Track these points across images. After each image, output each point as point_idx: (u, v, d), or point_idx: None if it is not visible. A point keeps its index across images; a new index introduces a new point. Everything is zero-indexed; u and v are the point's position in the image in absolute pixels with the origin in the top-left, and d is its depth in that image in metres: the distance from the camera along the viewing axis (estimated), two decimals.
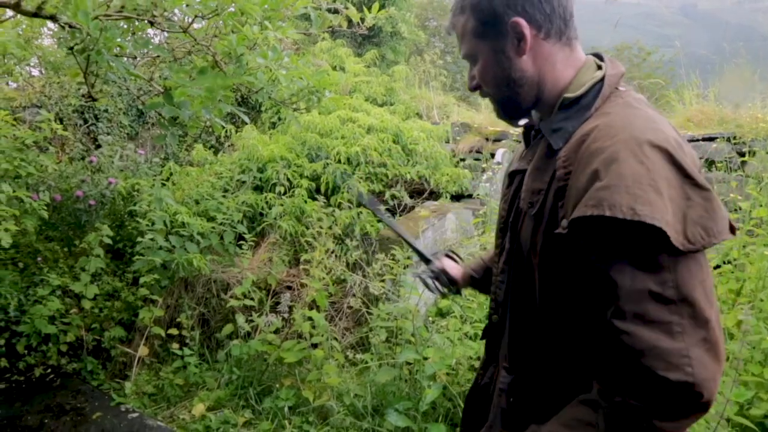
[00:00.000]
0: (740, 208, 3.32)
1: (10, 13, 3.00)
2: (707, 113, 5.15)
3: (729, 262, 3.20)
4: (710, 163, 4.40)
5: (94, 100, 2.22)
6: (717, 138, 4.53)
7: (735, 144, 4.55)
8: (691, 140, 4.66)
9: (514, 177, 1.18)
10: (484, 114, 7.08)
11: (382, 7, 2.85)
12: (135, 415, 3.14)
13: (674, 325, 0.84)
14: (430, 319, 3.76)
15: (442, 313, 3.79)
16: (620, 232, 0.85)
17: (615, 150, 0.88)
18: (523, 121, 1.20)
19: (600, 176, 0.87)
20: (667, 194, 0.85)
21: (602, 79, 1.03)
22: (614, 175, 0.86)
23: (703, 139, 4.59)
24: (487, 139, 6.00)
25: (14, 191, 3.31)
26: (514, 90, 1.09)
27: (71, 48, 1.84)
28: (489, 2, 1.05)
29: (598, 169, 0.88)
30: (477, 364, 1.39)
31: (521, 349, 1.13)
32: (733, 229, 0.91)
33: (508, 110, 1.16)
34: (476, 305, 3.64)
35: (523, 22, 1.03)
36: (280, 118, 6.24)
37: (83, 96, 5.59)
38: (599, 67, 1.07)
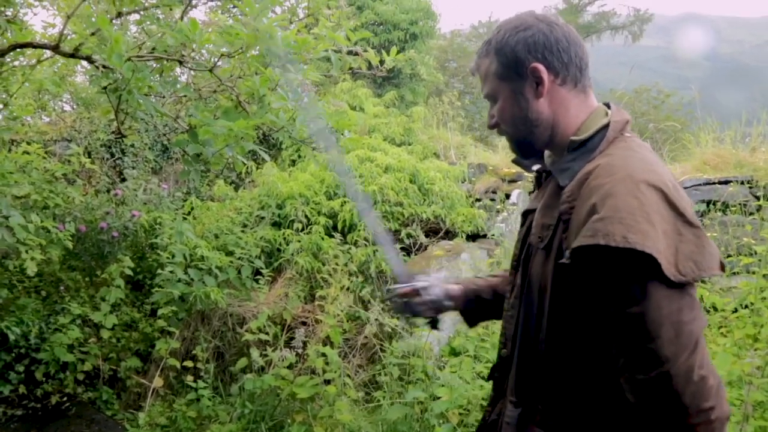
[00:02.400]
0: (755, 252, 3.30)
1: (48, 53, 3.17)
2: (724, 156, 5.15)
3: (746, 307, 3.17)
4: (725, 207, 4.38)
5: (124, 136, 2.33)
6: (732, 181, 4.53)
7: (751, 188, 4.55)
8: (707, 183, 4.66)
9: (526, 216, 1.25)
10: (500, 155, 7.15)
11: (401, 50, 2.96)
12: None
13: (636, 357, 0.93)
14: (444, 358, 3.76)
15: (455, 353, 3.78)
16: (615, 261, 0.91)
17: (612, 186, 0.95)
18: (536, 166, 1.29)
19: (597, 209, 0.94)
20: (660, 228, 0.91)
21: (607, 125, 1.11)
22: (610, 208, 0.92)
23: (719, 183, 4.59)
24: (503, 180, 6.05)
25: (42, 221, 3.42)
26: (530, 130, 1.18)
27: (105, 87, 1.95)
28: (512, 48, 1.15)
29: (595, 203, 0.95)
30: (486, 403, 1.40)
31: (528, 383, 1.16)
32: (722, 267, 0.98)
33: (522, 148, 1.25)
34: (490, 345, 3.64)
35: (542, 67, 1.13)
36: (300, 156, 6.37)
37: (112, 132, 5.77)
38: (608, 114, 1.15)
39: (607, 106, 1.19)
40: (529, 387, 1.16)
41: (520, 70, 1.14)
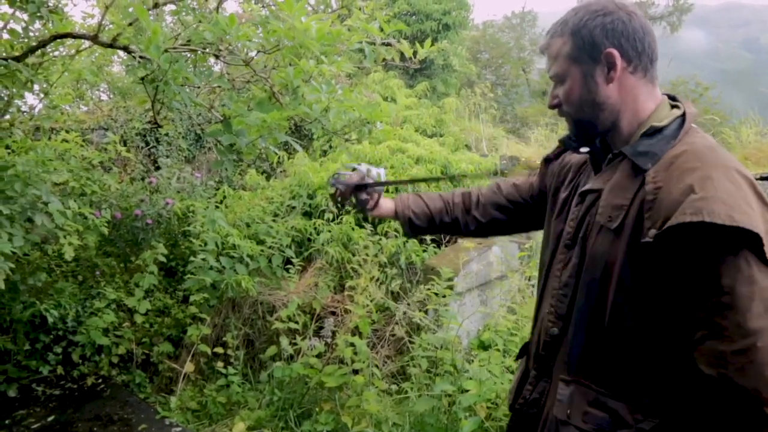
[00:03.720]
0: None
1: (86, 43, 3.22)
2: (766, 151, 4.99)
3: None
4: None
5: (159, 126, 2.36)
6: None
7: None
8: None
9: (584, 196, 1.25)
10: (533, 147, 7.07)
11: (434, 40, 2.93)
12: (178, 429, 3.23)
13: (723, 329, 0.94)
14: (473, 351, 3.74)
15: (484, 346, 3.76)
16: (713, 238, 0.93)
17: (708, 170, 0.99)
18: (585, 149, 1.30)
19: (695, 190, 0.96)
20: (758, 212, 0.94)
21: (683, 115, 1.14)
22: (710, 188, 0.95)
23: (761, 178, 4.45)
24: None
25: (79, 208, 3.50)
26: (595, 113, 1.19)
27: (142, 78, 1.98)
28: (590, 31, 1.16)
29: (692, 184, 0.97)
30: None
31: (585, 361, 1.16)
32: None
33: (582, 131, 1.26)
34: (519, 340, 3.60)
35: (616, 53, 1.14)
36: (331, 146, 6.39)
37: (148, 121, 5.87)
38: (673, 106, 1.18)
39: (670, 97, 1.21)
40: (584, 366, 1.16)
41: (594, 53, 1.16)
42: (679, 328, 1.00)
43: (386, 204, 1.78)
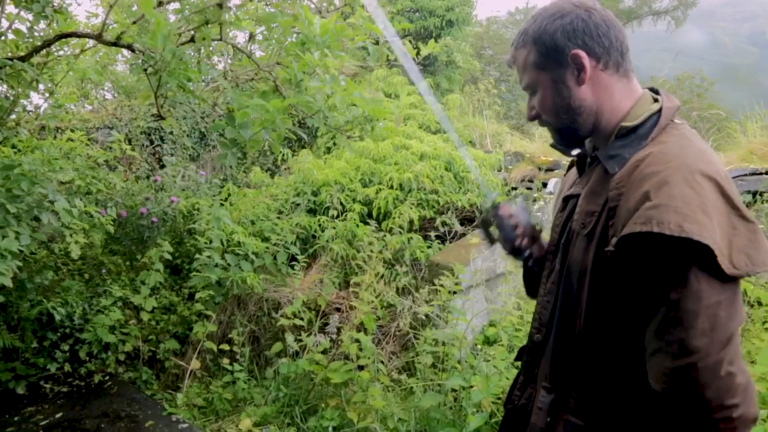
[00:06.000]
0: None
1: (91, 42, 3.23)
2: None
3: None
4: None
5: (162, 118, 2.37)
6: None
7: None
8: (753, 173, 4.50)
9: (567, 201, 1.23)
10: (537, 143, 7.05)
11: (437, 37, 2.93)
12: (185, 425, 3.24)
13: (668, 344, 0.92)
14: (478, 346, 3.74)
15: (489, 341, 3.76)
16: (665, 249, 0.90)
17: (666, 174, 0.93)
18: (575, 151, 1.26)
19: (650, 197, 0.92)
20: (715, 219, 0.89)
21: (659, 111, 1.09)
22: (664, 195, 0.91)
23: (766, 173, 4.43)
24: (539, 169, 5.96)
25: (85, 206, 3.52)
26: (573, 118, 1.15)
27: (145, 69, 1.99)
28: (551, 36, 1.12)
29: (648, 191, 0.93)
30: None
31: (563, 368, 1.15)
32: None
33: (565, 138, 1.22)
34: (524, 335, 3.60)
35: (583, 53, 1.10)
36: (335, 143, 6.40)
37: (152, 115, 5.88)
38: (656, 100, 1.12)
39: (653, 91, 1.16)
40: (563, 373, 1.15)
41: (560, 58, 1.11)
42: (636, 341, 0.99)
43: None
